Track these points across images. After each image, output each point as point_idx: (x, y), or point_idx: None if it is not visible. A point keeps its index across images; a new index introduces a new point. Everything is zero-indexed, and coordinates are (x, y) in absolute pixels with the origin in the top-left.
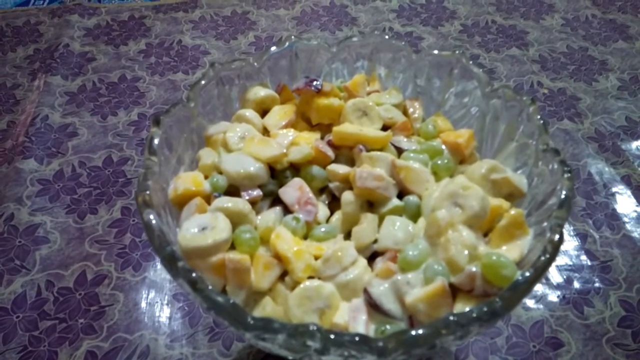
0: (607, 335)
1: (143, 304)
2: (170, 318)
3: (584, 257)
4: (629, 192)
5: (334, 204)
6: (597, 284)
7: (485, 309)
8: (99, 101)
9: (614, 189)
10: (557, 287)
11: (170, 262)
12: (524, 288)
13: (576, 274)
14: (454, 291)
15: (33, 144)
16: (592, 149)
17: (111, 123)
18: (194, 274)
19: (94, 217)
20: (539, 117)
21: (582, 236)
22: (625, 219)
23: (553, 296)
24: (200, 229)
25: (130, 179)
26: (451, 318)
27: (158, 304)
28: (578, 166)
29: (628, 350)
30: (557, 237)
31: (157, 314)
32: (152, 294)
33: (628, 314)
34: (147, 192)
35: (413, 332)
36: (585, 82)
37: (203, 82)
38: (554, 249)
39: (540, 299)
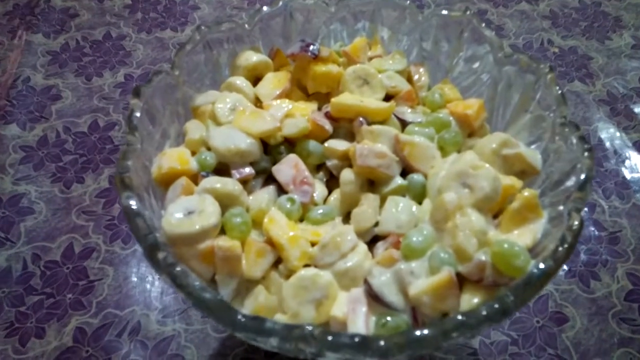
0: (614, 310)
1: (133, 279)
2: (162, 293)
3: (591, 228)
4: None
5: (332, 181)
6: (604, 256)
7: (496, 306)
8: (83, 61)
9: (625, 156)
10: None
11: (151, 253)
12: (539, 282)
13: (583, 246)
14: (461, 280)
15: (15, 108)
16: (603, 113)
17: (96, 85)
18: (177, 268)
19: (80, 186)
20: (557, 87)
21: (591, 205)
22: (636, 188)
23: None
24: (186, 213)
25: (118, 146)
26: (459, 318)
27: (149, 278)
28: (588, 131)
29: (635, 326)
30: (576, 223)
31: (148, 289)
32: (142, 268)
33: (636, 288)
34: (127, 174)
35: (418, 333)
36: (598, 40)
37: (188, 47)
38: (574, 237)
39: None
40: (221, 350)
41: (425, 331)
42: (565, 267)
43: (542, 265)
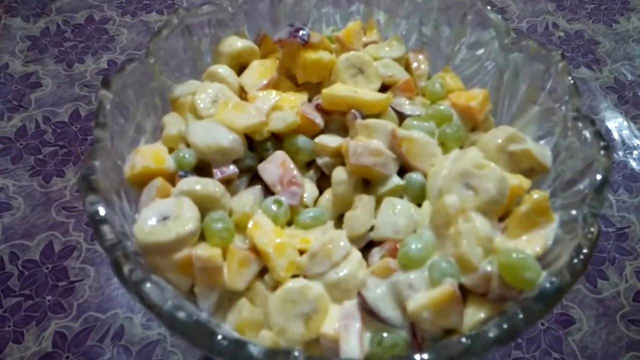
0: (622, 311)
1: (116, 279)
2: None
3: None
4: None
5: (323, 180)
6: (612, 254)
7: (505, 325)
8: (64, 46)
9: (633, 147)
10: None
11: (116, 267)
12: (553, 298)
13: None
14: (464, 292)
15: None
16: (610, 101)
17: (78, 72)
18: (147, 285)
19: (60, 180)
20: (569, 76)
21: None
22: None
23: None
24: (160, 218)
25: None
26: (464, 341)
27: None
28: (595, 120)
29: None
30: (592, 230)
31: None
32: None
33: None
34: (93, 176)
35: (417, 358)
36: (605, 24)
37: (165, 31)
38: (591, 247)
39: None
40: (208, 355)
41: (426, 356)
42: None
43: (555, 280)
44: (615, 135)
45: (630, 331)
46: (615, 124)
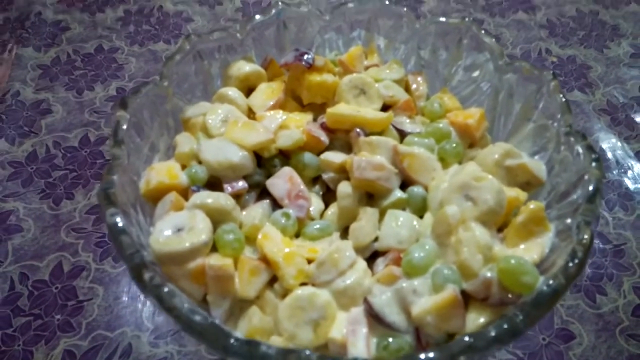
0: (621, 326)
1: (124, 298)
2: (154, 313)
3: (596, 241)
4: None
5: (329, 195)
6: (610, 270)
7: (505, 326)
8: (74, 74)
9: (627, 166)
10: None
11: (136, 273)
12: (550, 300)
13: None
14: (466, 298)
15: (4, 123)
16: (604, 123)
17: (87, 99)
18: (165, 289)
19: (70, 202)
20: (561, 94)
21: None
22: None
23: None
24: (175, 230)
25: (109, 160)
26: (467, 339)
27: (140, 297)
28: (586, 135)
29: None
30: (586, 237)
31: (139, 309)
32: (133, 287)
33: None
34: (112, 190)
35: (422, 357)
36: (596, 49)
37: (178, 56)
38: (585, 252)
39: None
40: (223, 357)
41: (431, 355)
42: None
43: (551, 282)
44: (610, 155)
45: (630, 345)
46: (609, 144)
